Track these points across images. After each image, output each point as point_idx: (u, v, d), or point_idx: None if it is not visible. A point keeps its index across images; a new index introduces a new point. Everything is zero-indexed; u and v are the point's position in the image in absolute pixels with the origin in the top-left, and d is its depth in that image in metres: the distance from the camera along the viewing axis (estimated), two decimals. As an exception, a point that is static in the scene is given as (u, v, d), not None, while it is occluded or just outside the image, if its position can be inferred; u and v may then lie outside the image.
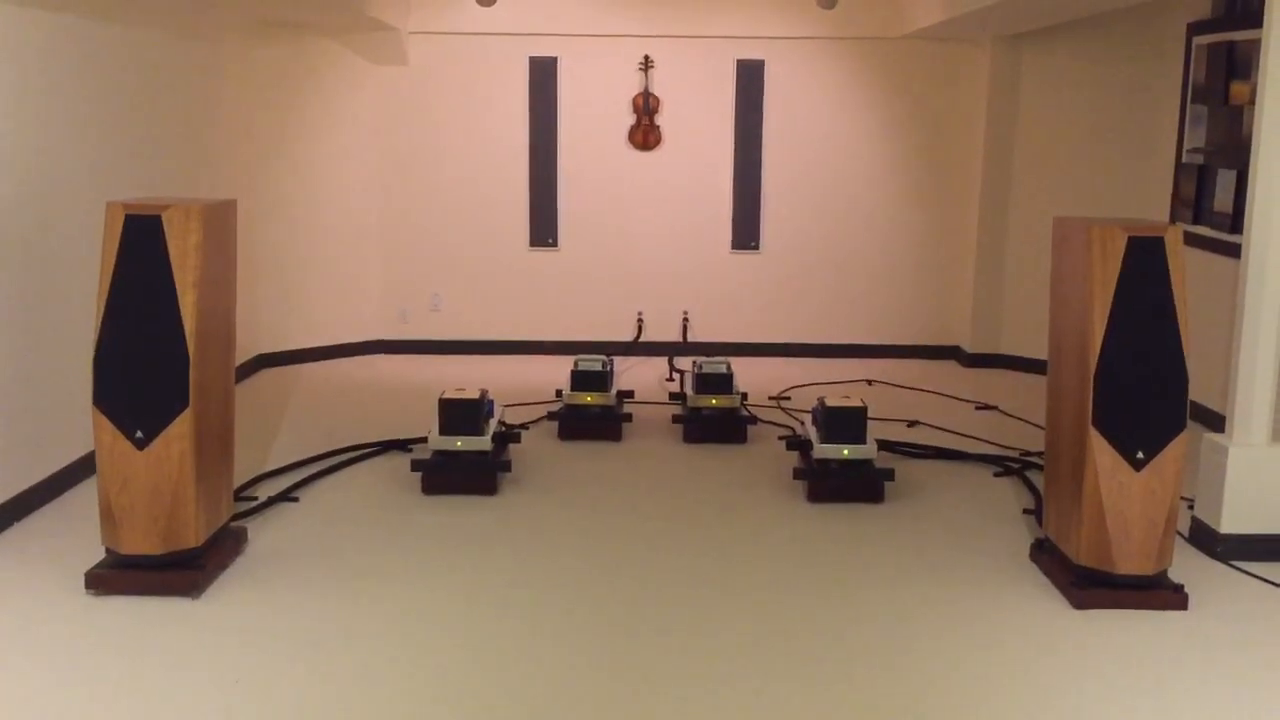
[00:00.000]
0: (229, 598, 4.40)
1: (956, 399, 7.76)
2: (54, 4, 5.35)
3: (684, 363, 8.09)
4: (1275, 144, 4.78)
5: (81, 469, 5.59)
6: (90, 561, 4.50)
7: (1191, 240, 6.86)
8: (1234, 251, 6.33)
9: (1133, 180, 8.05)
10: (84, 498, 5.35)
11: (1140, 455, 4.34)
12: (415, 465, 5.66)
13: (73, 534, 4.95)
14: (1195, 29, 7.24)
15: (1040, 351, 6.55)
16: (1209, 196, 7.01)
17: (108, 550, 4.41)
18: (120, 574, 4.37)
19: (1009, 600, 4.48)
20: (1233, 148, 6.70)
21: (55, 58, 5.41)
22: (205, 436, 4.43)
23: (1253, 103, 5.37)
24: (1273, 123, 4.78)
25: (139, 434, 4.29)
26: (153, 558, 4.35)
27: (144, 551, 4.34)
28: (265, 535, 5.04)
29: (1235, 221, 6.57)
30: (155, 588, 4.35)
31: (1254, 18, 6.27)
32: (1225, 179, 6.80)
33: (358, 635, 4.11)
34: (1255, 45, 6.18)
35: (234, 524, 4.91)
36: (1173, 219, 7.46)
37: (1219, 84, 6.88)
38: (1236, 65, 6.69)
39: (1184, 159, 7.38)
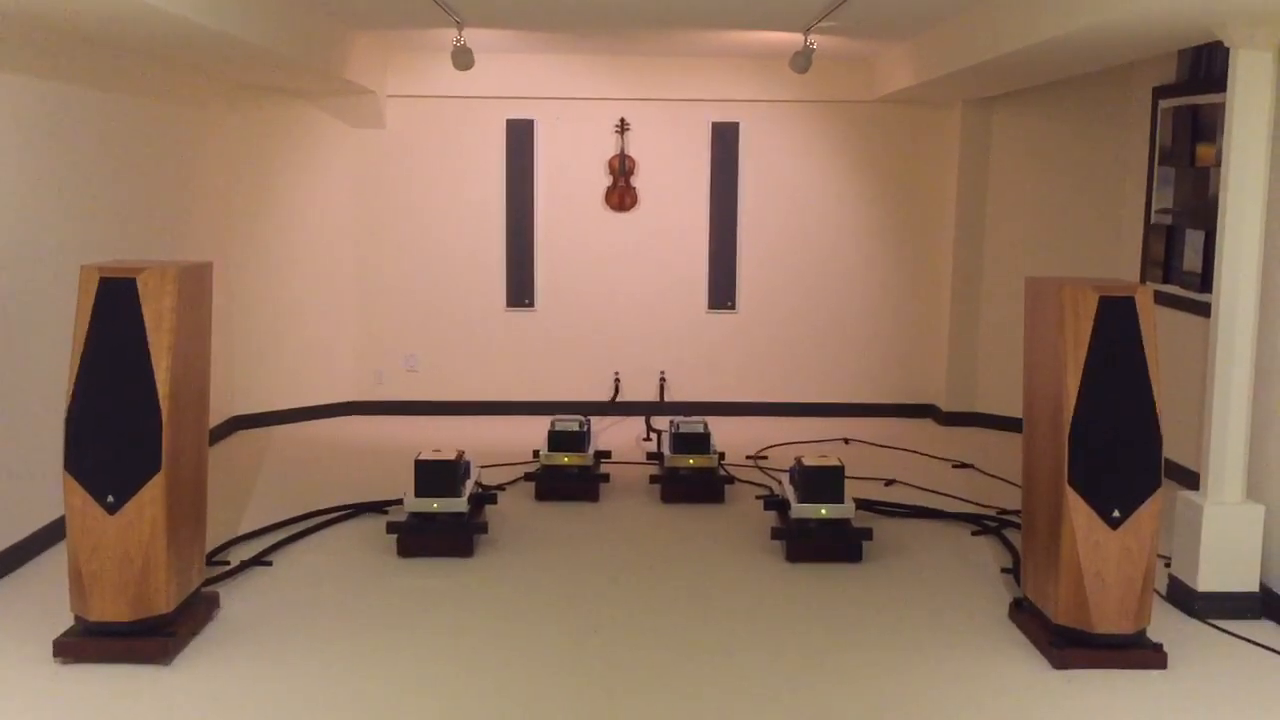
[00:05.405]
0: (200, 665, 4.32)
1: (933, 457, 7.77)
2: (31, 69, 5.38)
3: (661, 423, 8.08)
4: (1241, 204, 4.86)
5: (51, 534, 5.51)
6: (58, 629, 4.42)
7: (1162, 299, 6.95)
8: (1204, 310, 6.41)
9: (1103, 240, 8.16)
10: (53, 563, 5.27)
11: (1116, 514, 4.35)
12: (391, 528, 5.61)
13: (41, 600, 4.87)
14: (1160, 93, 7.38)
15: (1015, 409, 6.59)
16: (1178, 256, 7.10)
17: (76, 617, 4.34)
18: (89, 641, 4.30)
19: (988, 660, 4.46)
20: (1200, 208, 6.81)
21: (32, 121, 5.42)
22: (177, 501, 4.38)
23: (1218, 164, 5.46)
24: (1238, 184, 4.86)
25: (110, 498, 4.24)
26: (122, 625, 4.28)
27: (113, 618, 4.27)
28: (238, 600, 4.98)
29: (1204, 280, 6.65)
30: (125, 655, 4.28)
31: (1217, 82, 6.41)
32: (1194, 239, 6.89)
33: (332, 702, 4.05)
34: (1219, 108, 6.30)
35: (206, 589, 4.84)
36: (1143, 278, 7.55)
37: (1185, 146, 7.00)
38: (1201, 128, 6.82)
39: (1153, 219, 7.48)
